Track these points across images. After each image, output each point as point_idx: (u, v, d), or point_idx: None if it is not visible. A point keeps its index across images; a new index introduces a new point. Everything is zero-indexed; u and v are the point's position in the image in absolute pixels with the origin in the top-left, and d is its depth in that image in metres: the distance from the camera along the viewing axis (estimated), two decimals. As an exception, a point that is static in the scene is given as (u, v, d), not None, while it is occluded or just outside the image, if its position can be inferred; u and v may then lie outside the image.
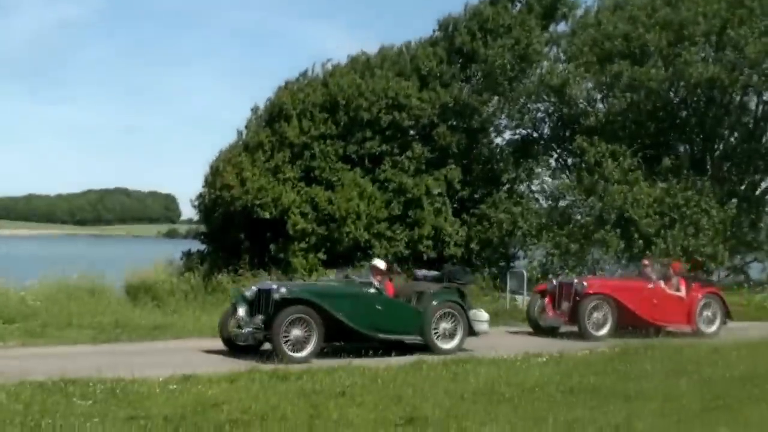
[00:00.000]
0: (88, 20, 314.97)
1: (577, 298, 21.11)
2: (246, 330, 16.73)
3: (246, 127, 30.92)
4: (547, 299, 21.82)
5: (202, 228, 32.67)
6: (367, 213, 28.00)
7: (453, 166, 30.08)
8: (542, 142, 32.96)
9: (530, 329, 22.08)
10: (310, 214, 27.78)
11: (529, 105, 31.71)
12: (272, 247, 27.76)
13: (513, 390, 13.16)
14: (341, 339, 17.48)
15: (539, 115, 32.43)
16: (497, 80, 30.91)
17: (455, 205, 30.20)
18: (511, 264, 30.82)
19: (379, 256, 23.99)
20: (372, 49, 32.66)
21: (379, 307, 17.34)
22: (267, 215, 27.62)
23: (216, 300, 25.83)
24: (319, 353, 16.66)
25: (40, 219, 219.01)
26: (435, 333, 17.70)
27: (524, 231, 29.25)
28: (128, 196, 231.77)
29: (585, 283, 21.44)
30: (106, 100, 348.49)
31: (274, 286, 16.80)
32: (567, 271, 27.36)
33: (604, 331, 20.94)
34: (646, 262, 23.31)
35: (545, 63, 32.11)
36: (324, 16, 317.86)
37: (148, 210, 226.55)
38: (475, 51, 31.30)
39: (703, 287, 22.85)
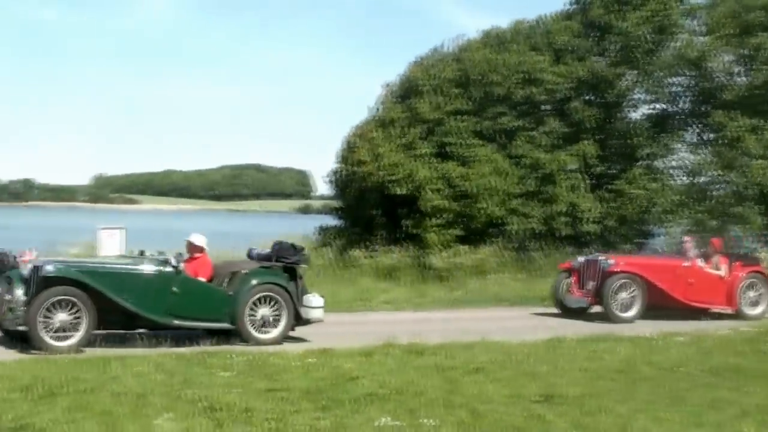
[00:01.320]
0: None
1: (603, 277, 20.06)
2: (17, 314, 14.01)
3: (381, 102, 31.06)
4: (573, 278, 20.76)
5: (336, 203, 32.91)
6: (501, 189, 27.84)
7: (588, 141, 29.66)
8: (679, 116, 32.20)
9: (556, 310, 20.99)
10: (444, 190, 27.72)
11: (666, 78, 31.03)
12: (406, 223, 27.83)
13: (652, 369, 13.00)
14: (128, 325, 15.01)
15: (676, 89, 31.69)
16: (633, 53, 30.32)
17: (591, 181, 29.77)
18: (649, 241, 30.24)
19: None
20: (505, 23, 32.33)
21: (176, 290, 14.92)
22: (401, 191, 27.70)
23: (351, 275, 26.08)
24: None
25: (178, 194, 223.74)
26: (251, 320, 15.28)
27: (662, 207, 28.69)
28: (263, 172, 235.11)
29: (611, 261, 20.38)
30: (243, 78, 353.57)
31: (41, 264, 14.34)
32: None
33: (631, 312, 19.87)
34: (687, 238, 22.19)
35: (683, 35, 31.37)
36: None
37: (282, 185, 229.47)
38: (611, 24, 30.75)
39: (747, 266, 21.38)
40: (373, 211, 28.74)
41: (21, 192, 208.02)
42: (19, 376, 11.15)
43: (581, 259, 21.07)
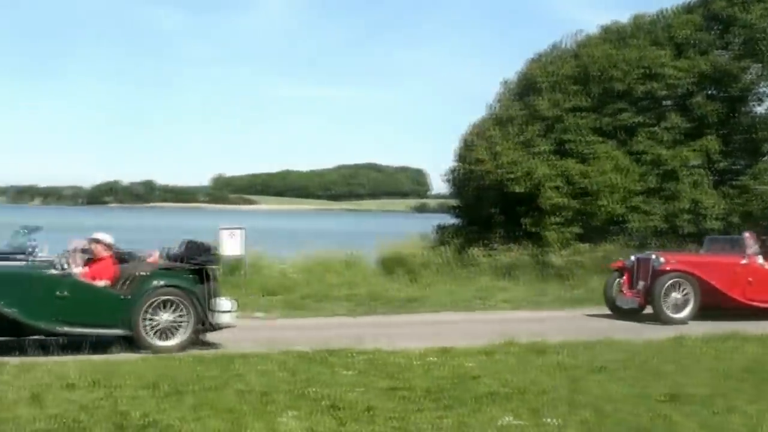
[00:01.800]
0: (337, 1, 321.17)
1: (654, 276, 19.11)
2: None
3: (499, 101, 30.87)
4: (624, 277, 19.93)
5: (453, 202, 32.82)
6: (621, 186, 27.40)
7: (711, 136, 29.01)
8: (808, 110, 31.24)
9: (609, 311, 20.11)
10: (563, 187, 27.41)
11: (793, 72, 30.15)
12: (525, 221, 27.61)
13: (782, 368, 12.65)
14: (16, 332, 13.74)
15: (804, 82, 30.77)
16: (758, 46, 29.53)
17: (714, 177, 29.12)
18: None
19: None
20: (624, 18, 31.83)
21: (65, 293, 13.64)
22: (519, 189, 27.49)
23: (470, 274, 26.01)
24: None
25: (296, 194, 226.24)
26: (150, 326, 13.93)
27: (789, 203, 27.88)
28: (379, 171, 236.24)
29: (662, 259, 19.42)
30: (356, 79, 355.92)
31: None
32: None
33: (684, 313, 18.91)
34: (748, 234, 20.74)
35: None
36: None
37: (399, 184, 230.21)
38: (734, 16, 30.00)
39: None
40: (492, 210, 28.57)
41: (143, 193, 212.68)
42: (145, 373, 11.35)
43: (633, 257, 20.29)
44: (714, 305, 19.30)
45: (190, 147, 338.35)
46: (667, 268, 19.11)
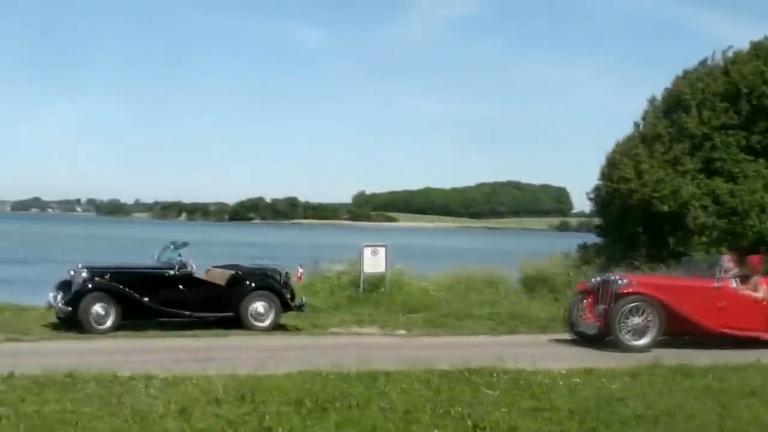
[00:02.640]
0: (479, 17, 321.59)
1: (615, 299, 17.63)
2: None
3: (643, 118, 30.33)
4: (587, 300, 18.43)
5: (596, 221, 32.43)
6: (771, 206, 26.69)
7: None
8: None
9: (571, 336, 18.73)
10: (711, 207, 26.82)
11: None
12: (671, 240, 27.06)
13: None
14: None
15: None
16: None
17: None
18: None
19: None
20: (777, 33, 30.87)
21: None
22: (665, 208, 26.93)
23: (613, 293, 25.58)
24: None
25: (436, 211, 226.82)
26: None
27: None
28: (520, 189, 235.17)
29: (623, 280, 17.92)
30: (499, 94, 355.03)
31: None
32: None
33: (644, 340, 17.42)
34: (727, 256, 19.20)
35: None
36: (719, 5, 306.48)
37: (540, 202, 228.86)
38: None
39: None
40: (636, 229, 28.09)
41: (285, 210, 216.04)
42: (290, 389, 11.47)
43: (598, 278, 18.90)
44: (680, 331, 18.10)
45: (332, 164, 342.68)
46: (629, 291, 17.71)
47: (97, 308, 18.41)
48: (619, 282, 17.89)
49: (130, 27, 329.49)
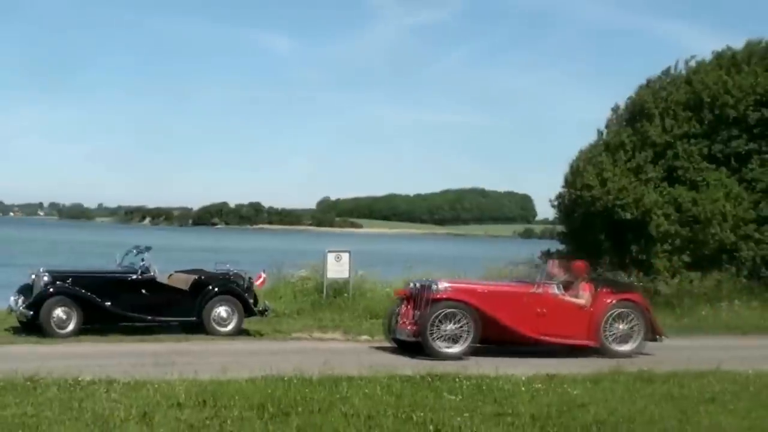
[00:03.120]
0: (445, 25, 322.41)
1: (429, 305, 16.99)
2: None
3: (606, 126, 30.49)
4: (405, 306, 17.75)
5: (560, 228, 32.56)
6: (733, 214, 26.80)
7: (827, 163, 28.25)
8: None
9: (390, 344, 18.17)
10: (673, 215, 26.96)
11: None
12: (634, 248, 27.21)
13: None
14: None
15: None
16: None
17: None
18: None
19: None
20: (738, 44, 31.13)
21: None
22: (628, 216, 27.06)
23: (576, 300, 25.69)
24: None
25: (401, 218, 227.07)
26: None
27: None
28: (485, 196, 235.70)
29: (438, 285, 17.22)
30: (465, 102, 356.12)
31: None
32: None
33: (456, 347, 16.81)
34: (551, 261, 19.19)
35: None
36: (682, 15, 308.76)
37: (505, 210, 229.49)
38: None
39: (617, 293, 18.15)
40: (599, 236, 28.22)
41: (249, 215, 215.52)
42: (252, 394, 11.45)
43: (416, 283, 18.00)
44: (499, 339, 17.52)
45: (296, 170, 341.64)
46: (441, 297, 17.05)
47: (59, 312, 18.30)
48: (434, 288, 17.24)
49: (104, 31, 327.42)
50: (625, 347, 17.81)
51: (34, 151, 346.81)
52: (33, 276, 19.30)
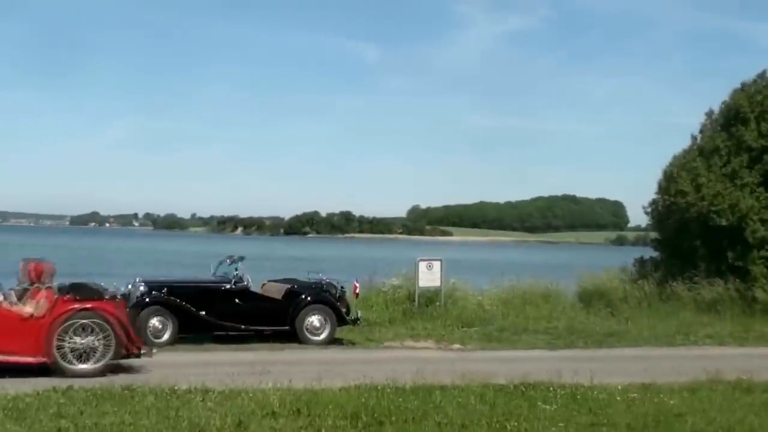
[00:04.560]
0: (534, 32, 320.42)
1: None
2: None
3: (700, 131, 30.04)
4: None
5: (653, 235, 32.14)
6: (832, 220, 26.30)
7: None
8: None
9: None
10: (771, 220, 26.55)
11: None
12: (730, 254, 26.75)
13: None
14: None
15: None
16: None
17: None
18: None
19: None
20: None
21: None
22: (723, 222, 26.66)
23: (671, 308, 25.39)
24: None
25: (491, 225, 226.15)
26: None
27: None
28: (576, 203, 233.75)
29: None
30: (555, 108, 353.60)
31: None
32: None
33: None
34: (22, 262, 15.93)
35: None
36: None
37: (596, 216, 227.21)
38: None
39: (82, 300, 14.94)
40: (694, 243, 27.78)
41: (340, 224, 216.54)
42: (346, 403, 11.48)
43: None
44: None
45: (387, 178, 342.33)
46: None
47: (155, 322, 18.59)
48: None
49: (213, 46, 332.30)
50: (86, 366, 14.74)
51: (129, 162, 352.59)
52: (129, 286, 19.60)
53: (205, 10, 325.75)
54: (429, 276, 23.91)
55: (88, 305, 15.02)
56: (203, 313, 19.20)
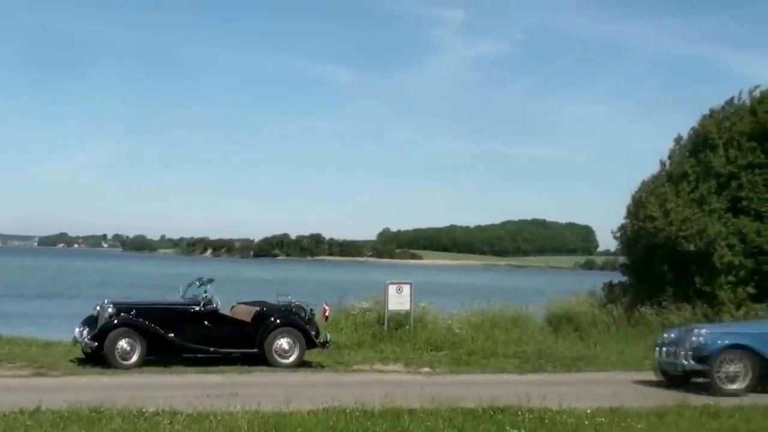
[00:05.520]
0: (505, 57, 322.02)
1: None
2: None
3: (669, 157, 30.25)
4: None
5: (621, 259, 32.29)
6: (798, 245, 26.52)
7: None
8: None
9: None
10: (737, 246, 26.67)
11: None
12: (698, 279, 26.90)
13: None
14: None
15: None
16: None
17: None
18: None
19: None
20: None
21: None
22: (692, 247, 26.80)
23: (639, 333, 25.46)
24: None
25: (461, 249, 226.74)
26: None
27: None
28: (545, 228, 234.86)
29: None
30: (524, 133, 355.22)
31: None
32: None
33: None
34: None
35: None
36: (745, 45, 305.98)
37: (566, 241, 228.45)
38: None
39: None
40: (662, 267, 27.93)
41: (310, 247, 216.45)
42: (314, 426, 11.49)
43: None
44: None
45: (357, 201, 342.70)
46: None
47: (123, 344, 18.50)
48: None
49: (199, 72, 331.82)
50: None
51: (98, 184, 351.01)
52: (98, 307, 19.53)
53: (175, 31, 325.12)
54: (398, 299, 23.93)
55: None
56: (172, 335, 19.11)
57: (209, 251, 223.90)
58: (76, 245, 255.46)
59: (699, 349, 17.37)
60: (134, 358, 18.54)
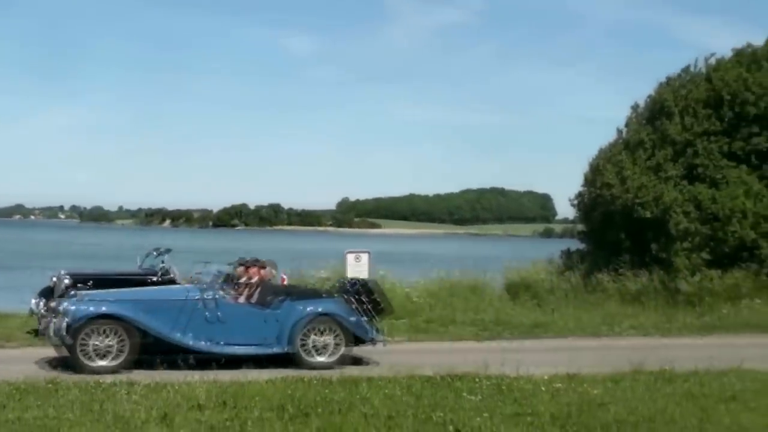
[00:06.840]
0: (464, 25, 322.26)
1: None
2: None
3: (626, 125, 30.40)
4: None
5: (579, 227, 32.47)
6: (753, 211, 26.71)
7: None
8: None
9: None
10: (693, 212, 26.91)
11: None
12: (654, 246, 27.13)
13: None
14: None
15: None
16: None
17: None
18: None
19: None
20: (758, 41, 30.93)
21: None
22: (648, 214, 27.01)
23: (596, 299, 25.69)
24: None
25: (420, 218, 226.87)
26: None
27: None
28: (504, 196, 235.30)
29: None
30: (484, 101, 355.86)
31: None
32: None
33: None
34: None
35: None
36: (702, 11, 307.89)
37: (524, 209, 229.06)
38: None
39: None
40: (619, 235, 28.13)
41: (269, 216, 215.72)
42: (273, 395, 11.48)
43: None
44: None
45: (316, 170, 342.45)
46: None
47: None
48: None
49: (121, 31, 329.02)
50: None
51: (53, 154, 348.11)
52: (54, 278, 19.37)
53: None
54: (357, 268, 23.88)
55: None
56: None
57: (167, 222, 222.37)
58: (32, 216, 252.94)
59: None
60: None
